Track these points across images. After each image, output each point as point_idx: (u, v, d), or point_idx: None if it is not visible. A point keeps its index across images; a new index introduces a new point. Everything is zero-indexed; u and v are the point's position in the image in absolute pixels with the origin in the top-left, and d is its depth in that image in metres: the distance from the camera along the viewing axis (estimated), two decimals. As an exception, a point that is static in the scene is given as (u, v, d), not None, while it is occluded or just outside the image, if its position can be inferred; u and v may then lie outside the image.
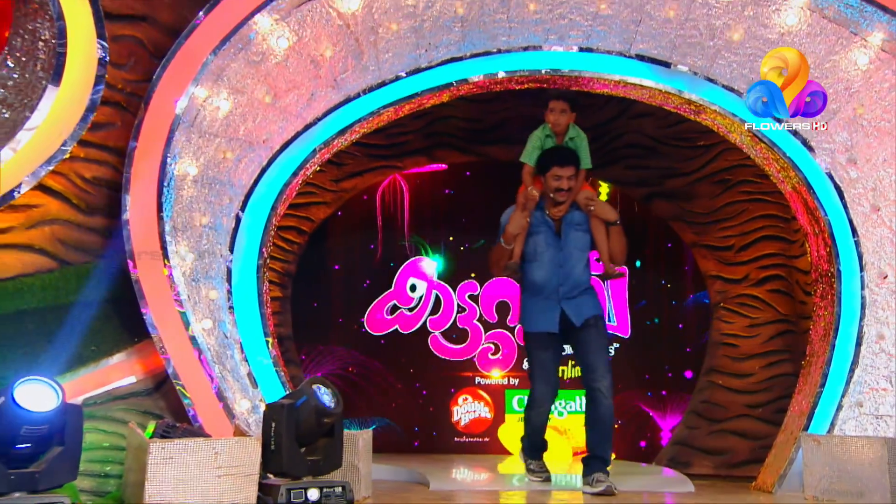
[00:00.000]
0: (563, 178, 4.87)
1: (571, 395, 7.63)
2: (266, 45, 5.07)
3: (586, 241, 5.00)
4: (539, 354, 5.04)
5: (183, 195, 4.94)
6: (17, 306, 4.61)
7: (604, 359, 4.91)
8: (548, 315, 4.94)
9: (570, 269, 4.93)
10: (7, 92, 4.41)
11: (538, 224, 4.98)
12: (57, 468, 3.84)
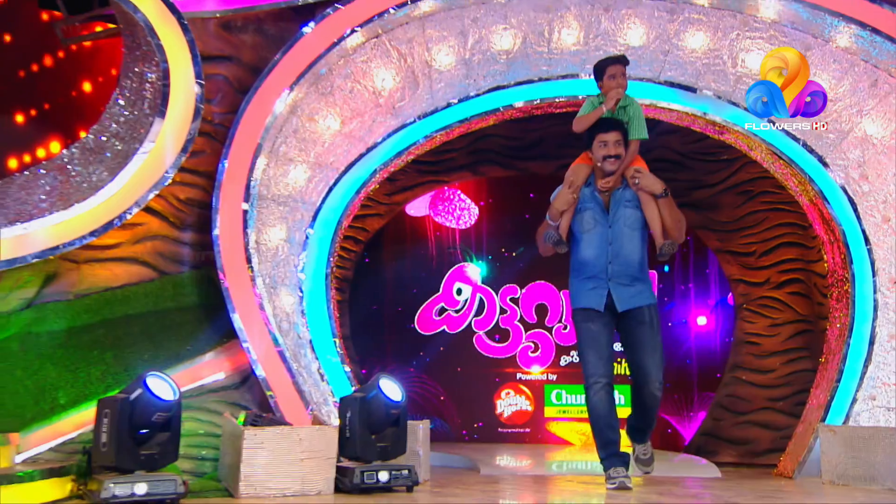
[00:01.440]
0: (608, 143, 4.45)
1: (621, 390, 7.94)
2: (334, 80, 5.53)
3: (637, 218, 4.52)
4: (588, 326, 4.55)
5: (262, 212, 5.38)
6: (124, 311, 5.13)
7: (657, 360, 4.45)
8: (595, 293, 4.50)
9: (620, 246, 4.48)
10: (119, 127, 4.91)
11: (586, 201, 4.57)
12: (166, 451, 4.34)
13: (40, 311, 4.90)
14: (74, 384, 4.88)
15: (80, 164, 4.96)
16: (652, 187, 4.43)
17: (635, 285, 4.48)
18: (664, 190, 4.43)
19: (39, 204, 4.68)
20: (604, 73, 4.63)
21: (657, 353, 4.46)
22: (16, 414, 4.69)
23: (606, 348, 4.49)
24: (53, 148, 5.47)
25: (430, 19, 5.57)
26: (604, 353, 4.47)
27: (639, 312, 4.46)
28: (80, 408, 4.84)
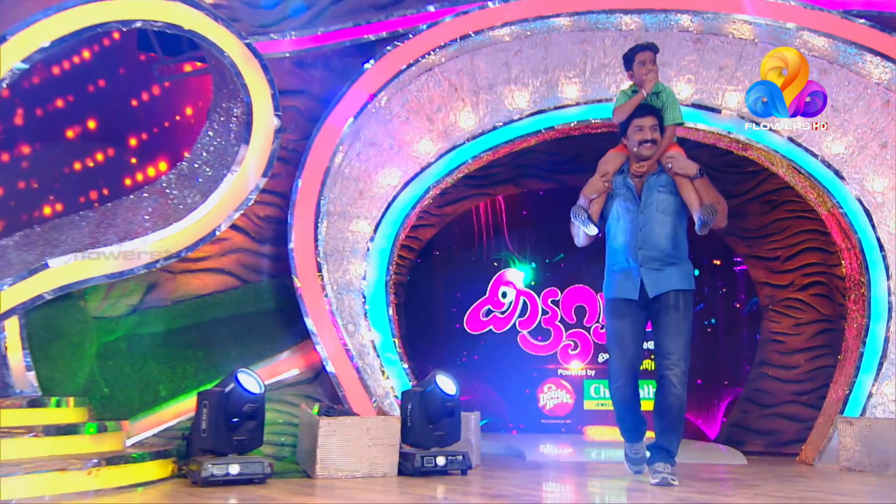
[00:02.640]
0: (645, 128, 4.28)
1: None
2: (393, 108, 5.89)
3: (671, 203, 4.27)
4: (615, 324, 4.39)
5: (331, 228, 5.76)
6: (213, 315, 5.57)
7: (680, 344, 4.18)
8: (626, 282, 4.30)
9: (651, 231, 4.25)
10: (209, 155, 5.34)
11: (618, 187, 4.39)
12: (254, 437, 4.74)
13: (143, 316, 5.35)
14: (173, 379, 5.32)
15: (176, 188, 5.39)
16: (686, 169, 4.24)
17: (667, 270, 4.23)
18: (699, 170, 4.23)
19: (144, 223, 5.10)
20: (633, 61, 4.51)
21: (681, 338, 4.17)
22: (125, 404, 5.14)
23: (633, 344, 4.32)
24: (161, 167, 5.90)
25: (478, 53, 5.91)
26: (628, 353, 4.31)
27: (666, 296, 4.22)
28: (178, 399, 5.28)
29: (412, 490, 4.30)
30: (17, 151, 5.57)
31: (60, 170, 5.74)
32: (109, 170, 5.92)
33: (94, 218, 5.27)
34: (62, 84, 5.71)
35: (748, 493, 4.10)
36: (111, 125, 5.98)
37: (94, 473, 4.04)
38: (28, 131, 5.64)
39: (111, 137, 5.96)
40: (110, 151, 5.95)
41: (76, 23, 4.58)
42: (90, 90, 5.91)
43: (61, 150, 5.78)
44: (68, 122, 5.82)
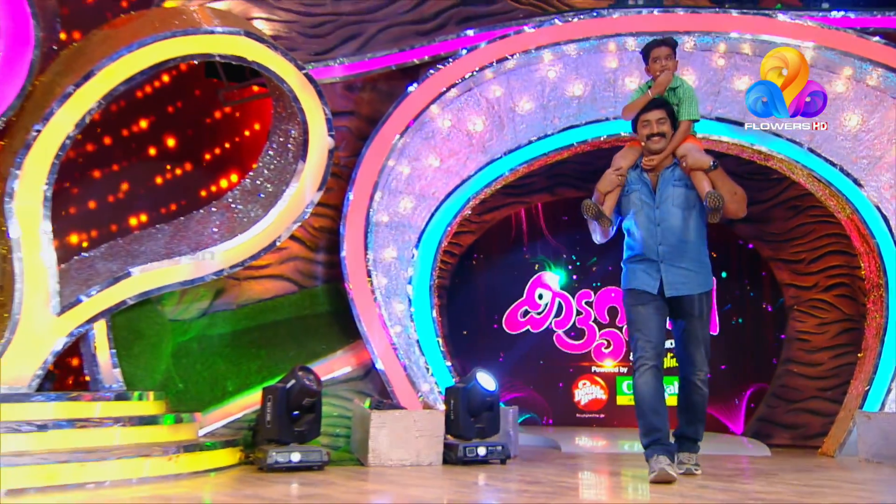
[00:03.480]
0: (651, 122, 4.16)
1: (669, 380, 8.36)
2: (435, 126, 6.17)
3: (687, 196, 4.10)
4: (637, 309, 4.13)
5: (379, 237, 6.05)
6: (274, 318, 5.92)
7: (702, 351, 4.09)
8: (646, 276, 4.11)
9: (669, 226, 4.08)
10: (270, 173, 5.69)
11: (634, 182, 4.22)
12: (312, 428, 5.07)
13: (212, 319, 5.72)
14: (238, 375, 5.68)
15: (241, 203, 5.74)
16: (699, 163, 4.07)
17: (688, 269, 4.05)
18: (713, 163, 4.07)
19: (212, 235, 5.44)
20: (649, 57, 4.37)
21: (703, 346, 4.10)
22: (197, 398, 5.50)
23: (656, 331, 4.07)
24: (233, 178, 6.24)
25: (514, 73, 6.17)
26: (653, 336, 4.05)
27: (689, 301, 4.05)
28: (244, 394, 5.62)
29: (456, 477, 4.56)
30: (108, 169, 5.92)
31: (144, 184, 6.06)
32: (187, 183, 6.24)
33: (169, 231, 5.64)
34: (145, 106, 6.02)
35: (765, 481, 4.30)
36: (187, 142, 6.29)
37: (174, 459, 4.42)
38: (116, 150, 5.97)
39: (188, 153, 6.28)
40: (187, 166, 6.27)
41: (155, 57, 4.95)
42: (169, 111, 6.23)
43: (145, 167, 6.10)
44: (150, 140, 6.14)
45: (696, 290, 4.06)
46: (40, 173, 4.77)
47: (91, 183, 5.87)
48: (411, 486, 4.17)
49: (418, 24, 6.56)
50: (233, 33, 5.18)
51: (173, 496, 3.78)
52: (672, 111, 4.22)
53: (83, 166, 5.78)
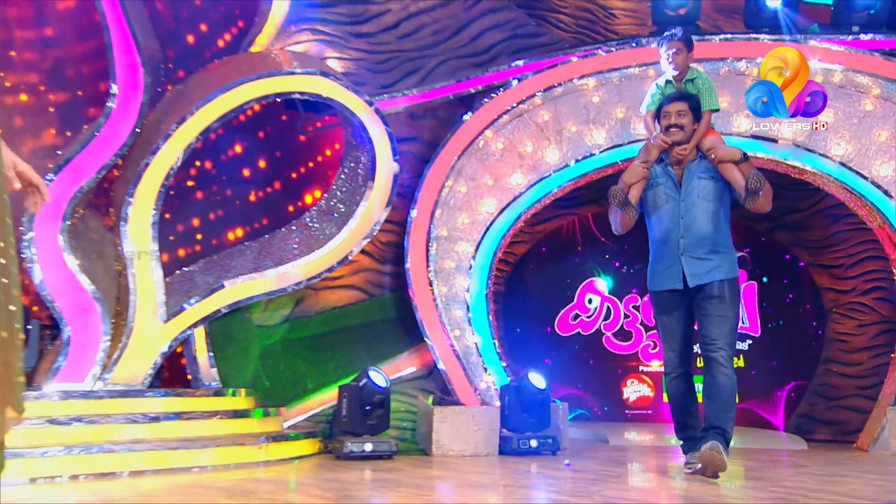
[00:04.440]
0: (671, 113, 4.02)
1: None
2: (489, 148, 6.48)
3: (712, 188, 3.96)
4: (662, 319, 4.10)
5: (439, 249, 6.36)
6: (346, 323, 6.29)
7: (725, 330, 3.85)
8: (669, 272, 3.98)
9: (692, 219, 3.94)
10: (342, 195, 6.11)
11: (658, 176, 4.09)
12: (382, 421, 5.44)
13: (293, 324, 6.14)
14: (316, 374, 6.09)
15: (317, 222, 6.16)
16: (730, 154, 3.95)
17: (710, 259, 3.91)
18: (743, 155, 3.95)
19: (293, 251, 5.85)
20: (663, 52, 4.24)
21: (726, 325, 3.85)
22: (281, 395, 5.93)
23: (682, 340, 4.01)
24: (316, 194, 6.64)
25: (561, 99, 6.45)
26: (678, 346, 4.01)
27: (709, 287, 3.89)
28: (322, 391, 6.04)
29: (510, 466, 4.89)
30: (208, 190, 6.41)
31: (240, 202, 6.52)
32: (276, 199, 6.63)
33: (256, 248, 6.11)
34: (239, 133, 6.47)
35: (794, 471, 4.53)
36: (276, 163, 6.69)
37: (263, 448, 4.87)
38: (216, 173, 6.45)
39: (276, 173, 6.68)
40: (276, 184, 6.67)
41: (244, 97, 5.44)
42: (260, 136, 6.68)
43: (240, 187, 6.53)
44: (244, 163, 6.59)
45: (717, 277, 3.88)
46: (149, 200, 5.31)
47: (194, 203, 6.36)
48: (470, 472, 4.50)
49: (473, 57, 6.86)
50: (310, 73, 5.64)
51: (264, 479, 4.18)
52: (694, 104, 4.05)
53: (188, 189, 6.29)
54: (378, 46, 6.67)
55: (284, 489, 3.85)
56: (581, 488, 3.77)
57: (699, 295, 3.92)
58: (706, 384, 3.86)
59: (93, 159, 5.18)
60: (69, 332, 5.01)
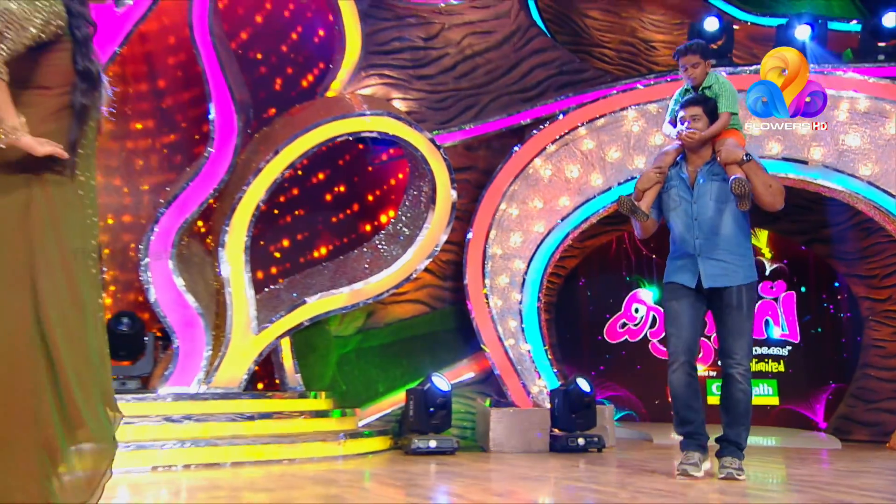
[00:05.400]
0: (685, 117, 3.92)
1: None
2: (538, 175, 6.85)
3: (724, 190, 3.82)
4: (671, 305, 3.93)
5: (494, 266, 6.74)
6: (410, 334, 6.70)
7: (743, 344, 3.75)
8: (684, 270, 3.88)
9: (706, 220, 3.84)
10: (407, 220, 6.56)
11: (673, 179, 4.00)
12: (444, 421, 5.80)
13: (366, 335, 6.58)
14: (386, 379, 6.52)
15: (385, 244, 6.60)
16: (732, 155, 3.81)
17: (726, 261, 3.79)
18: (745, 156, 3.80)
19: (365, 271, 6.31)
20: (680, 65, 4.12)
21: (744, 338, 3.75)
22: (356, 397, 6.37)
23: (689, 327, 3.84)
24: (390, 213, 7.04)
25: (603, 129, 6.79)
26: (685, 333, 3.83)
27: (727, 293, 3.77)
28: (391, 394, 6.46)
29: (560, 461, 5.24)
30: (295, 214, 6.95)
31: (324, 223, 7.02)
32: (355, 220, 7.10)
33: (332, 268, 6.61)
34: (322, 162, 6.91)
35: (816, 467, 4.77)
36: (354, 188, 7.17)
37: (342, 444, 5.32)
38: (302, 198, 6.96)
39: (355, 196, 7.15)
40: (355, 207, 7.14)
41: (322, 137, 5.96)
42: (340, 164, 7.14)
43: (323, 209, 7.04)
44: (327, 188, 7.09)
45: (734, 282, 3.77)
46: (242, 228, 5.89)
47: (284, 226, 6.90)
48: (523, 466, 4.87)
49: (523, 93, 7.23)
50: (378, 114, 6.14)
51: (343, 471, 4.62)
52: (709, 108, 3.94)
53: (278, 214, 6.83)
54: (437, 87, 7.09)
55: (361, 479, 4.30)
56: (618, 479, 4.13)
57: (717, 302, 3.82)
58: (723, 395, 3.84)
59: (196, 195, 5.80)
60: (178, 342, 5.60)
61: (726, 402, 3.81)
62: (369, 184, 7.26)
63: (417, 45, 7.06)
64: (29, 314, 2.06)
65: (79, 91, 2.23)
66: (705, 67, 4.03)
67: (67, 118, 2.22)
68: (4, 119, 2.04)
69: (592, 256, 9.07)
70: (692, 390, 3.83)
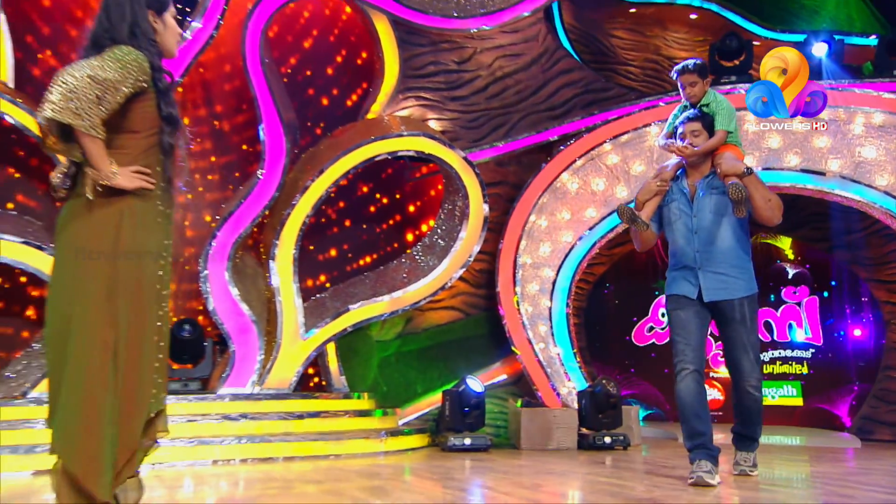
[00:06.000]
0: (685, 133, 3.87)
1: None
2: (566, 188, 7.07)
3: (723, 203, 3.76)
4: (677, 313, 3.80)
5: (525, 275, 6.98)
6: (447, 338, 6.97)
7: (751, 357, 3.70)
8: (685, 282, 3.79)
9: (705, 234, 3.77)
10: (443, 232, 6.83)
11: (673, 193, 3.93)
12: (479, 420, 6.05)
13: (405, 340, 6.87)
14: (424, 380, 6.80)
15: (422, 255, 6.89)
16: (733, 168, 3.73)
17: (726, 274, 3.73)
18: (746, 169, 3.71)
19: (403, 280, 6.59)
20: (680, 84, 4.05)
21: (752, 353, 3.71)
22: (396, 398, 6.66)
23: (696, 336, 3.73)
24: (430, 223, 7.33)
25: (627, 144, 6.98)
26: (692, 341, 3.72)
27: (729, 307, 3.71)
28: (429, 395, 6.73)
29: (587, 458, 5.45)
30: (342, 225, 7.26)
31: (368, 234, 7.33)
32: (397, 230, 7.41)
33: (373, 277, 6.93)
34: (365, 176, 7.21)
35: (829, 464, 4.88)
36: (396, 200, 7.49)
37: (383, 441, 5.61)
38: (348, 212, 7.29)
39: (397, 208, 7.48)
40: (397, 217, 7.47)
41: (363, 156, 6.28)
42: (383, 177, 7.46)
43: (368, 221, 7.35)
44: (370, 201, 7.42)
45: (735, 295, 3.72)
46: (290, 242, 6.23)
47: (332, 236, 7.23)
48: (552, 462, 5.10)
49: (550, 111, 7.45)
50: (414, 135, 6.44)
51: (385, 465, 4.90)
52: (707, 123, 3.90)
53: (327, 224, 7.17)
54: (470, 107, 7.35)
55: (401, 472, 4.55)
56: (638, 474, 4.34)
57: (719, 315, 3.78)
58: (735, 403, 3.84)
59: (249, 212, 6.16)
60: (234, 347, 5.96)
61: (739, 409, 3.83)
62: (409, 196, 7.56)
63: (451, 68, 7.33)
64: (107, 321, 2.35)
65: (165, 133, 2.56)
66: (703, 86, 3.99)
67: (154, 156, 2.54)
68: (102, 168, 2.37)
69: (620, 263, 9.21)
70: (701, 399, 3.68)
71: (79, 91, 2.26)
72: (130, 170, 2.44)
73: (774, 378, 8.65)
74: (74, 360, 2.29)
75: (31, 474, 4.44)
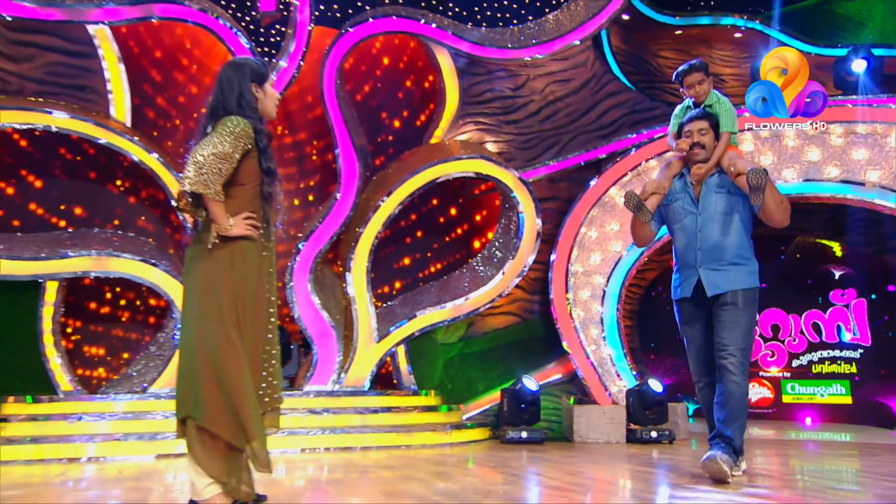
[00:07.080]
0: (693, 132, 3.74)
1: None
2: (614, 201, 7.33)
3: (729, 202, 3.65)
4: (686, 330, 3.81)
5: (576, 282, 7.30)
6: (504, 341, 7.33)
7: (737, 335, 3.52)
8: (686, 282, 3.74)
9: (709, 232, 3.65)
10: (500, 244, 7.23)
11: (677, 192, 3.82)
12: (534, 416, 6.42)
13: (467, 342, 7.28)
14: (485, 379, 7.20)
15: (481, 266, 7.28)
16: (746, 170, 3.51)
17: (728, 270, 3.61)
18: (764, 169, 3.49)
19: (465, 289, 6.99)
20: (683, 84, 3.94)
21: (737, 330, 3.53)
22: (460, 395, 7.07)
23: (705, 350, 3.72)
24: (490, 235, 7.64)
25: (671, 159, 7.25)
26: (703, 356, 3.73)
27: (723, 295, 3.59)
28: (489, 392, 7.11)
29: (635, 451, 5.72)
30: (413, 236, 7.72)
31: (437, 243, 7.76)
32: (464, 239, 7.82)
33: (437, 286, 7.37)
34: (434, 190, 7.46)
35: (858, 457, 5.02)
36: (463, 211, 7.91)
37: (449, 434, 6.05)
38: (417, 224, 7.75)
39: (464, 219, 7.87)
40: (465, 226, 7.87)
41: (427, 178, 6.76)
42: (450, 190, 7.80)
43: (436, 231, 7.77)
44: (439, 213, 7.83)
45: (735, 286, 3.60)
46: (364, 256, 6.76)
47: (406, 246, 7.70)
48: (601, 454, 5.42)
49: (599, 131, 7.73)
50: (473, 158, 6.87)
51: (450, 455, 5.31)
52: (714, 122, 3.78)
53: (401, 235, 7.65)
54: (524, 129, 7.69)
55: (465, 461, 4.96)
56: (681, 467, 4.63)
57: (715, 303, 3.65)
58: (718, 391, 3.57)
59: (327, 230, 6.73)
60: (316, 349, 6.53)
61: (720, 396, 3.55)
62: (474, 207, 7.95)
63: (506, 94, 7.71)
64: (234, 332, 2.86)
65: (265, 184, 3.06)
66: (708, 85, 3.90)
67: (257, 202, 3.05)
68: (222, 223, 2.88)
69: (670, 268, 9.27)
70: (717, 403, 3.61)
71: (206, 167, 2.76)
72: (241, 216, 2.94)
73: (823, 377, 8.69)
74: (211, 352, 2.79)
75: (154, 457, 5.09)
